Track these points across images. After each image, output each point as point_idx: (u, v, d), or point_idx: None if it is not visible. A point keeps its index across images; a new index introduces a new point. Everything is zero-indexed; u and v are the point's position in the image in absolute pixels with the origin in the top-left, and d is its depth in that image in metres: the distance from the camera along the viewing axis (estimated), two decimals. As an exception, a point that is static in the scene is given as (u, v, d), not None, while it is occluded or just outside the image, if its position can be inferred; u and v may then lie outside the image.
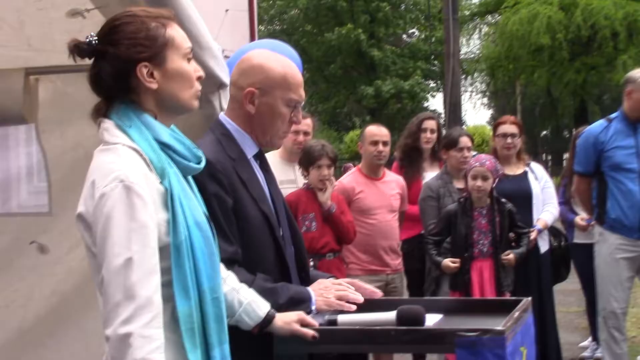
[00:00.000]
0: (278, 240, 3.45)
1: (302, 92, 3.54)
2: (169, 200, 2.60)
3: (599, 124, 7.05)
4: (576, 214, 8.16)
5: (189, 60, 2.79)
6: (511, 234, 6.60)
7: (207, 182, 3.24)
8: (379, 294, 3.65)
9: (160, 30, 2.71)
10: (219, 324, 2.73)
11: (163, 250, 2.57)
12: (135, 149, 2.61)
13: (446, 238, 6.54)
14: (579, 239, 8.13)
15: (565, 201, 8.21)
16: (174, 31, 2.76)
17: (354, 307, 3.50)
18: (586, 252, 7.47)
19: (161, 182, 2.61)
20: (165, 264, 2.57)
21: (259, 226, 3.40)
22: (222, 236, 3.22)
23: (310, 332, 3.13)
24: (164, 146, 2.68)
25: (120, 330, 2.43)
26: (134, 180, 2.52)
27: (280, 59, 3.57)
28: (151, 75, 2.69)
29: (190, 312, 2.62)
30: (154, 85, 2.69)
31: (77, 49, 2.70)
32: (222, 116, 3.58)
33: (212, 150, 3.37)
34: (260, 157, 3.59)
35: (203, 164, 2.83)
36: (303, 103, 3.59)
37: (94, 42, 2.69)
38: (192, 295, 2.62)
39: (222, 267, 3.07)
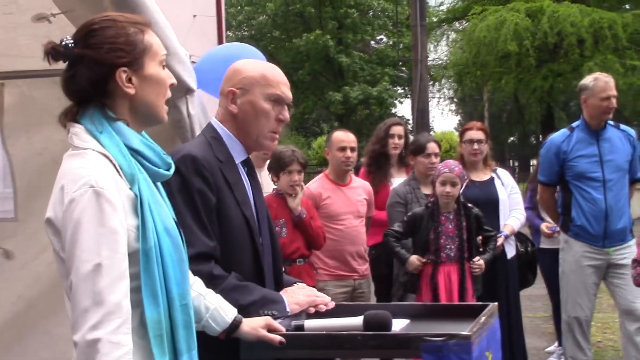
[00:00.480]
0: (257, 246, 3.48)
1: (285, 89, 3.58)
2: (138, 206, 2.59)
3: (561, 134, 7.07)
4: (543, 219, 8.21)
5: (163, 67, 2.80)
6: (479, 238, 6.63)
7: (192, 178, 3.30)
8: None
9: (139, 36, 2.72)
10: (187, 331, 2.72)
11: (132, 256, 2.56)
12: (105, 155, 2.60)
13: (406, 239, 6.55)
14: (545, 244, 8.17)
15: (532, 207, 8.24)
16: (152, 38, 2.77)
17: (328, 299, 3.53)
18: (552, 257, 7.51)
19: (131, 188, 2.60)
20: (134, 269, 2.56)
21: (239, 229, 3.43)
22: (203, 231, 3.27)
23: (277, 337, 3.14)
24: (134, 152, 2.67)
25: (89, 336, 2.41)
26: (103, 185, 2.51)
27: (260, 63, 3.68)
28: (129, 80, 2.68)
29: (159, 319, 2.61)
30: (132, 91, 2.69)
31: (54, 51, 2.67)
32: (214, 120, 3.63)
33: (201, 150, 3.43)
34: (247, 164, 3.63)
35: (172, 170, 2.83)
36: (290, 101, 3.61)
37: (70, 45, 2.67)
38: (161, 301, 2.61)
39: (189, 273, 3.07)
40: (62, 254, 2.56)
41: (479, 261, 6.43)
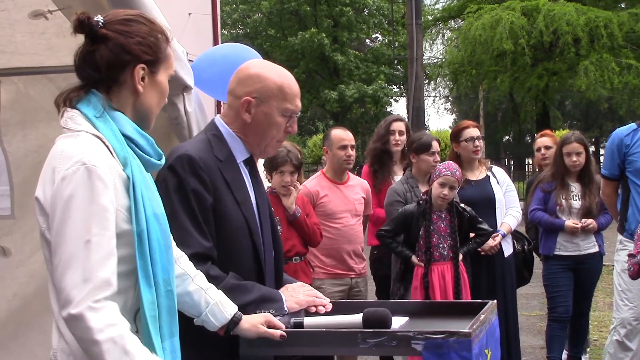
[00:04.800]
0: (257, 247, 3.45)
1: (299, 102, 3.57)
2: (130, 188, 2.61)
3: (627, 127, 6.79)
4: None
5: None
6: (471, 235, 6.63)
7: (188, 178, 3.28)
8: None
9: (164, 44, 2.82)
10: (171, 317, 2.74)
11: (119, 238, 2.58)
12: (98, 137, 2.64)
13: (397, 236, 6.52)
14: (561, 250, 7.60)
15: (544, 208, 7.64)
16: (171, 51, 2.87)
17: (327, 302, 3.51)
18: (562, 266, 7.48)
19: (124, 169, 2.63)
20: (122, 252, 2.58)
21: (239, 229, 3.40)
22: (199, 231, 3.25)
23: (277, 332, 3.13)
24: (128, 139, 2.71)
25: (76, 310, 2.43)
26: (95, 163, 2.53)
27: (277, 69, 3.60)
28: (142, 79, 2.75)
29: (153, 300, 2.63)
30: (141, 89, 2.75)
31: (82, 23, 2.69)
32: (218, 119, 3.59)
33: (199, 149, 3.40)
34: (250, 163, 3.59)
35: (163, 160, 2.86)
36: (299, 113, 3.58)
37: (100, 23, 2.70)
38: (153, 284, 2.64)
39: (191, 265, 3.09)
40: (48, 234, 2.58)
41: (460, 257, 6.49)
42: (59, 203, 2.51)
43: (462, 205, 6.58)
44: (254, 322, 3.16)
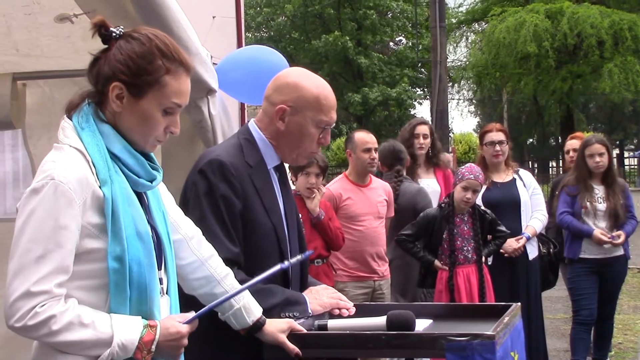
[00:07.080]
0: (284, 252, 3.44)
1: (334, 114, 3.51)
2: (109, 207, 2.59)
3: None
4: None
5: (167, 113, 2.74)
6: (488, 237, 6.61)
7: (218, 183, 3.28)
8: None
9: (160, 72, 2.70)
10: None
11: (87, 255, 2.58)
12: (80, 151, 2.63)
13: (417, 241, 6.51)
14: (587, 253, 7.55)
15: (572, 212, 7.56)
16: (175, 82, 2.73)
17: (350, 305, 3.51)
18: (587, 269, 7.43)
19: (101, 187, 2.60)
20: (90, 267, 2.59)
21: (266, 235, 3.39)
22: (227, 236, 3.25)
23: (295, 349, 3.11)
24: (114, 157, 2.68)
25: (20, 324, 2.49)
26: (64, 180, 2.53)
27: (316, 80, 3.54)
28: (121, 98, 2.68)
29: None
30: (116, 108, 2.69)
31: (98, 29, 2.71)
32: (252, 124, 3.57)
33: (230, 154, 3.39)
34: (279, 170, 3.58)
35: (157, 182, 2.81)
36: (333, 125, 3.56)
37: (115, 35, 2.71)
38: (128, 303, 2.63)
39: (220, 265, 3.08)
40: None
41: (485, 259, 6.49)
42: (23, 214, 2.54)
43: (482, 207, 6.58)
44: (276, 330, 3.13)
